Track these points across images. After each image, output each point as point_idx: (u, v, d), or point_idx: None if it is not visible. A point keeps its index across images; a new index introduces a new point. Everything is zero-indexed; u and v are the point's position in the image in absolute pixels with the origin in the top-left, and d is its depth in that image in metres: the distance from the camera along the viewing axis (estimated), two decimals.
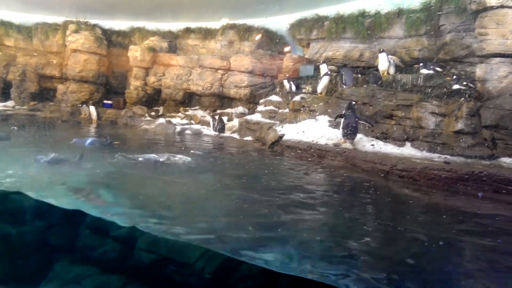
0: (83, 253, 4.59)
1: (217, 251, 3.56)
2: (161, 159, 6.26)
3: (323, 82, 10.52)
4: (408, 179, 6.05)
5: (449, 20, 9.57)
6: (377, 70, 10.20)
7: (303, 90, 11.68)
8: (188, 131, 11.99)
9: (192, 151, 7.80)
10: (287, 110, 11.12)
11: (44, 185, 4.61)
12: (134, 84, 15.66)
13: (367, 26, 11.42)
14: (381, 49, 10.17)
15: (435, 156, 7.00)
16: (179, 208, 4.43)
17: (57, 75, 16.47)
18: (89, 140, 7.42)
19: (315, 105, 10.11)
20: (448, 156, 6.99)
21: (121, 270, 4.33)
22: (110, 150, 6.92)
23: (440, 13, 9.81)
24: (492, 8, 7.61)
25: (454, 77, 8.60)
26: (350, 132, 7.89)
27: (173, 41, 16.69)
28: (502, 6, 7.47)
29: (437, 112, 7.83)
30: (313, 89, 11.35)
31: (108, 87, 16.88)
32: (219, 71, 14.19)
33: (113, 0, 14.98)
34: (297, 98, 10.97)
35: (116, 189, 4.93)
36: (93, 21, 16.57)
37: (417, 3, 10.65)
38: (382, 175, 6.39)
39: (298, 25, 13.51)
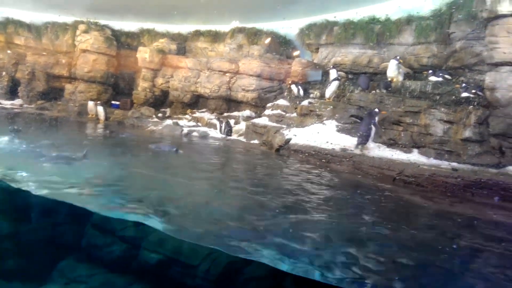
0: (89, 252, 4.61)
1: (223, 250, 3.54)
2: None
3: (332, 87, 10.51)
4: (415, 186, 6.01)
5: (459, 28, 9.51)
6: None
7: (311, 95, 11.67)
8: (195, 133, 12.03)
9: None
10: (294, 114, 11.13)
11: (50, 183, 4.64)
12: (142, 85, 15.76)
13: (377, 32, 11.40)
14: (397, 57, 10.14)
15: (443, 163, 6.95)
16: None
17: (65, 74, 16.61)
18: (161, 147, 8.79)
19: (323, 110, 10.09)
20: (455, 164, 6.93)
21: (126, 269, 4.34)
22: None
23: (450, 20, 9.76)
24: (503, 16, 7.57)
25: (463, 84, 8.54)
26: (362, 138, 7.87)
27: (182, 44, 16.78)
28: None
29: (445, 119, 7.78)
30: (321, 94, 11.33)
31: (116, 88, 16.99)
32: (227, 74, 14.23)
33: (123, 1, 15.10)
34: (304, 102, 10.97)
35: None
36: (103, 21, 16.68)
37: (427, 10, 10.61)
38: (389, 181, 6.35)
39: (307, 29, 13.53)
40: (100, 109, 14.32)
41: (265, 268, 3.22)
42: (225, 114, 14.03)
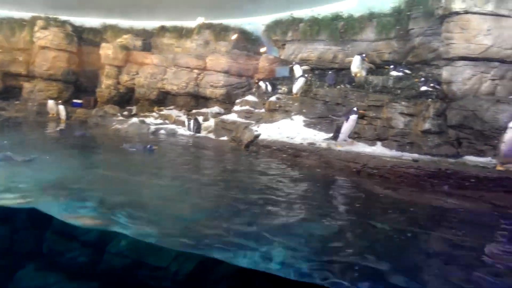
0: (50, 259, 4.44)
1: (192, 251, 3.52)
2: None
3: (299, 83, 10.65)
4: (379, 177, 6.23)
5: (417, 25, 9.89)
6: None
7: (279, 91, 11.78)
8: (162, 131, 11.83)
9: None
10: (263, 110, 11.19)
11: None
12: (106, 82, 15.30)
13: (341, 29, 11.64)
14: (363, 54, 10.38)
15: (404, 155, 7.23)
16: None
17: (23, 72, 15.85)
18: (135, 146, 8.58)
19: (291, 106, 10.22)
20: (416, 155, 7.23)
21: (91, 275, 4.22)
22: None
23: (409, 17, 10.12)
24: (457, 13, 7.91)
25: (422, 79, 8.91)
26: (334, 134, 8.01)
27: (147, 40, 16.43)
28: (466, 12, 7.78)
29: (406, 112, 8.09)
30: (289, 90, 11.46)
31: (78, 86, 16.39)
32: (194, 70, 14.08)
33: None
34: (273, 98, 11.05)
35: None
36: (63, 17, 16.05)
37: (387, 7, 10.94)
38: (355, 173, 6.55)
39: (274, 26, 13.60)
40: (61, 108, 13.79)
41: (235, 268, 3.24)
42: (194, 111, 13.88)
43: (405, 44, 10.43)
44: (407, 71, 9.78)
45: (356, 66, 10.22)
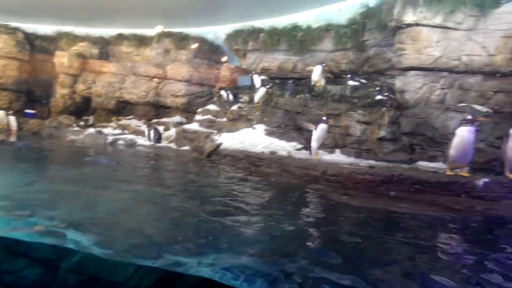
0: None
1: (153, 265, 3.41)
2: None
3: (260, 93, 10.77)
4: (337, 184, 6.39)
5: (372, 36, 10.35)
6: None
7: (241, 100, 11.84)
8: (121, 141, 11.47)
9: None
10: (224, 119, 11.18)
11: None
12: (60, 92, 14.66)
13: (300, 39, 11.94)
14: (323, 63, 10.68)
15: (361, 162, 7.47)
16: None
17: None
18: (100, 160, 7.91)
19: (252, 115, 10.29)
20: (372, 161, 7.50)
21: None
22: None
23: (364, 29, 10.57)
24: (408, 25, 8.37)
25: (377, 88, 9.30)
26: (305, 144, 8.13)
27: (105, 48, 15.99)
28: (417, 24, 8.26)
29: (362, 120, 8.40)
30: (250, 99, 11.55)
31: (31, 95, 15.59)
32: (154, 79, 13.83)
33: (37, 2, 13.94)
34: (234, 107, 11.07)
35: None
36: (14, 24, 15.26)
37: (344, 19, 11.38)
38: (314, 180, 6.67)
39: (235, 36, 13.71)
40: (12, 119, 13.02)
41: (198, 279, 3.17)
42: (154, 120, 13.60)
43: (361, 55, 10.87)
44: (363, 80, 10.18)
45: (317, 75, 10.52)
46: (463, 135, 5.81)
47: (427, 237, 4.04)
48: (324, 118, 7.78)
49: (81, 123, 13.85)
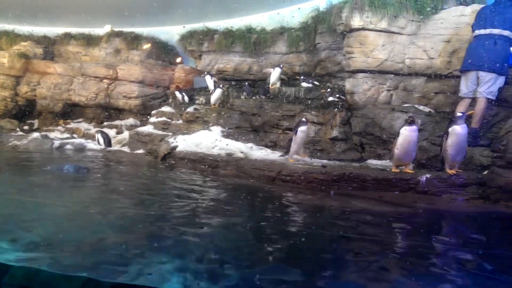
0: None
1: (102, 279, 3.27)
2: None
3: (216, 94, 10.72)
4: (292, 183, 6.53)
5: (323, 39, 10.68)
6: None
7: (197, 101, 11.72)
8: (69, 146, 10.91)
9: None
10: (180, 121, 11.00)
11: None
12: (1, 94, 13.65)
13: (254, 41, 12.05)
14: (281, 65, 10.81)
15: (315, 161, 7.69)
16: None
17: None
18: (65, 168, 7.32)
19: (209, 116, 10.23)
20: (325, 161, 7.74)
21: None
22: None
23: (316, 32, 10.89)
24: (356, 30, 8.71)
25: (329, 90, 9.62)
26: (285, 148, 7.91)
27: (50, 47, 15.12)
28: (363, 29, 8.61)
29: (315, 121, 8.64)
30: (206, 100, 11.47)
31: None
32: (104, 80, 13.30)
33: None
34: (190, 109, 10.94)
35: None
36: None
37: (296, 22, 11.65)
38: (270, 181, 6.77)
39: (189, 36, 13.55)
40: None
41: None
42: (106, 123, 13.08)
43: (313, 57, 11.18)
44: (316, 82, 10.48)
45: (276, 77, 10.68)
46: (406, 134, 6.17)
47: (372, 232, 4.24)
48: (304, 119, 7.50)
49: (25, 127, 13.03)
